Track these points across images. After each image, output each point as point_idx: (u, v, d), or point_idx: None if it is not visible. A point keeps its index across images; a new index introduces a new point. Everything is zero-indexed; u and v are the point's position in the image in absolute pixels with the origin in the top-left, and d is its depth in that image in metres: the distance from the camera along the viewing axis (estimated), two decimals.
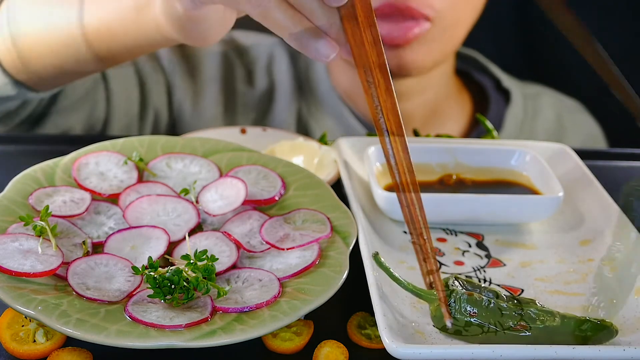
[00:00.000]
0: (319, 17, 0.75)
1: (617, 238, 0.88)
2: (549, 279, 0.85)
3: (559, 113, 1.47)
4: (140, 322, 0.72)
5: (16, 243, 0.78)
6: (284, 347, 0.75)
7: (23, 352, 0.73)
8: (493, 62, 1.49)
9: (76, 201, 0.85)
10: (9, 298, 0.72)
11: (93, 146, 0.91)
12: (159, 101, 1.33)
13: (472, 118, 1.42)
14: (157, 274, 0.74)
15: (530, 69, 1.71)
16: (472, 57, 1.48)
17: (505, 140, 1.05)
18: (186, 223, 0.84)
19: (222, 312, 0.73)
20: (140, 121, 1.31)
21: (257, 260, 0.81)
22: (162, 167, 0.91)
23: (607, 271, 0.85)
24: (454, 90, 1.42)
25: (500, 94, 1.44)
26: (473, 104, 1.44)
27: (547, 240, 0.91)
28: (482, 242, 0.91)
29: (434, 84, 1.35)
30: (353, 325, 0.78)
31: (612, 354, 0.71)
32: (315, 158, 1.00)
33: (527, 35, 1.73)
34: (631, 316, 0.79)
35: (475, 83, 1.45)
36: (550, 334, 0.74)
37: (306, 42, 0.76)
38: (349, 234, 0.83)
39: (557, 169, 1.00)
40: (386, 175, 0.96)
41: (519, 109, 1.41)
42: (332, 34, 0.76)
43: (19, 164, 0.92)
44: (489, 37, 1.70)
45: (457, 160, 0.99)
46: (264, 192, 0.88)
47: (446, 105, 1.40)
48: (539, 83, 1.55)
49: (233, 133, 1.06)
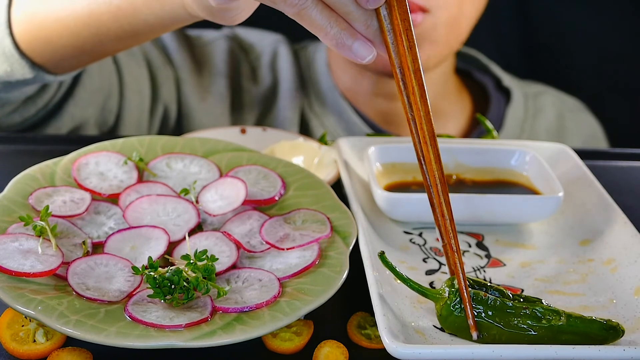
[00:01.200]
0: (355, 19, 0.75)
1: (617, 238, 0.88)
2: (549, 279, 0.85)
3: (560, 112, 1.47)
4: (140, 322, 0.72)
5: (16, 243, 0.78)
6: (284, 347, 0.75)
7: (23, 352, 0.73)
8: (494, 62, 1.49)
9: (76, 201, 0.85)
10: (9, 298, 0.72)
11: (93, 146, 0.91)
12: (168, 96, 1.33)
13: (472, 117, 1.42)
14: (157, 274, 0.74)
15: (532, 68, 1.71)
16: (473, 56, 1.48)
17: (505, 140, 1.05)
18: (186, 223, 0.84)
19: (222, 312, 0.73)
20: (150, 116, 1.31)
21: (257, 260, 0.81)
22: (162, 167, 0.91)
23: (607, 271, 0.85)
24: (454, 90, 1.42)
25: (501, 93, 1.44)
26: (473, 104, 1.44)
27: (547, 240, 0.91)
28: (482, 242, 0.91)
29: (432, 83, 1.35)
30: (353, 325, 0.78)
31: (612, 354, 0.71)
32: (315, 158, 1.00)
33: (529, 34, 1.73)
34: (631, 316, 0.79)
35: (475, 82, 1.45)
36: (556, 333, 0.74)
37: (342, 43, 0.75)
38: (349, 234, 0.83)
39: (557, 169, 1.00)
40: (386, 175, 0.97)
41: (520, 109, 1.41)
42: (369, 36, 0.76)
43: (19, 164, 0.92)
44: (490, 36, 1.70)
45: (457, 160, 0.99)
46: (264, 192, 0.88)
47: (445, 104, 1.39)
48: (541, 82, 1.55)
49: (233, 133, 1.06)
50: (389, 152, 0.98)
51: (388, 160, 0.98)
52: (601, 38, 1.70)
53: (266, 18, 1.16)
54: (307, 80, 1.38)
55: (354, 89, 1.37)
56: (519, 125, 1.40)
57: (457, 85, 1.43)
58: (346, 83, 1.37)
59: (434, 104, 1.37)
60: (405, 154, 0.98)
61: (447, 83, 1.39)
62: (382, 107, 1.36)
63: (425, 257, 0.87)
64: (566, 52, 1.72)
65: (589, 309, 0.81)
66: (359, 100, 1.37)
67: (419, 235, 0.91)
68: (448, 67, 1.37)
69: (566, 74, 1.71)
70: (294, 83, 1.37)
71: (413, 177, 0.97)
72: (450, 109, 1.40)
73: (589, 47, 1.71)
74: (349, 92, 1.37)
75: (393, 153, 0.98)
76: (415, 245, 0.89)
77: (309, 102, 1.37)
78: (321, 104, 1.36)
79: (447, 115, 1.40)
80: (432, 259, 0.87)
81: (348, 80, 1.36)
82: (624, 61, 1.72)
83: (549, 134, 1.43)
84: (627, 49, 1.71)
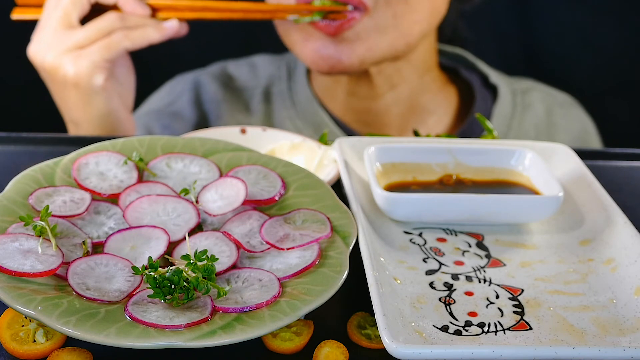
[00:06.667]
0: None
1: (617, 238, 0.88)
2: (549, 279, 0.85)
3: (550, 108, 1.46)
4: (140, 322, 0.72)
5: (16, 243, 0.78)
6: (284, 347, 0.75)
7: (23, 352, 0.73)
8: (491, 61, 1.49)
9: (76, 201, 0.85)
10: (9, 298, 0.72)
11: (93, 146, 0.91)
12: None
13: (459, 114, 1.42)
14: (157, 274, 0.74)
15: (532, 68, 1.71)
16: (459, 54, 1.47)
17: (505, 140, 1.05)
18: (186, 223, 0.84)
19: (222, 312, 0.73)
20: None
21: (257, 260, 0.81)
22: (162, 167, 0.91)
23: (607, 271, 0.85)
24: (435, 86, 1.40)
25: (488, 90, 1.43)
26: (459, 100, 1.43)
27: (547, 240, 0.91)
28: (482, 242, 0.91)
29: (405, 79, 1.34)
30: (353, 325, 0.78)
31: (612, 354, 0.71)
32: (315, 158, 1.00)
33: (529, 34, 1.73)
34: (631, 316, 0.79)
35: (462, 80, 1.45)
36: None
37: None
38: (349, 234, 0.83)
39: (557, 169, 1.00)
40: (386, 175, 0.97)
41: (507, 105, 1.40)
42: None
43: (19, 164, 0.92)
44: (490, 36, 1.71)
45: (456, 160, 0.99)
46: (264, 192, 0.88)
47: (426, 100, 1.39)
48: (531, 78, 1.55)
49: (233, 133, 1.06)
50: (389, 152, 0.98)
51: (388, 160, 0.98)
52: (601, 38, 1.70)
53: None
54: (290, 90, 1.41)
55: (331, 91, 1.38)
56: (506, 123, 1.39)
57: (440, 81, 1.42)
58: (323, 86, 1.38)
59: (412, 100, 1.37)
60: (405, 154, 0.98)
61: (424, 78, 1.37)
62: (358, 106, 1.37)
63: (425, 257, 0.87)
64: (566, 52, 1.72)
65: (589, 308, 0.81)
66: (337, 101, 1.38)
67: (419, 235, 0.91)
68: (420, 62, 1.35)
69: (566, 74, 1.71)
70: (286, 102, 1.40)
71: (413, 177, 0.97)
72: (431, 105, 1.40)
73: (589, 47, 1.71)
74: (327, 94, 1.38)
75: (393, 153, 0.98)
76: (415, 245, 0.89)
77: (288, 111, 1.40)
78: (297, 112, 1.39)
79: (427, 110, 1.39)
80: (432, 259, 0.87)
81: (325, 83, 1.38)
82: (624, 61, 1.72)
83: (537, 131, 1.42)
84: (627, 49, 1.71)
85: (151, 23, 1.16)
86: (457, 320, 0.78)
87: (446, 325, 0.77)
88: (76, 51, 1.13)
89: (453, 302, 0.81)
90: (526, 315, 0.79)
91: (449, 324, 0.78)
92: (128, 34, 1.14)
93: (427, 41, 1.33)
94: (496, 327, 0.77)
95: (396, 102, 1.36)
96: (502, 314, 0.79)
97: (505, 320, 0.78)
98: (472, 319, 0.78)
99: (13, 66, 1.62)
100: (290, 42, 1.26)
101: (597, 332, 0.77)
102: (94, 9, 1.17)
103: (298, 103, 1.39)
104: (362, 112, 1.38)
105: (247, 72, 1.45)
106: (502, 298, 0.81)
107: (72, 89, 1.14)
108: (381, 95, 1.35)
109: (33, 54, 1.16)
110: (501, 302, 0.81)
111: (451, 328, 0.77)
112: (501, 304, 0.81)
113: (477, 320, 0.78)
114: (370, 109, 1.37)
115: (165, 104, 1.43)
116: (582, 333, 0.77)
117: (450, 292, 0.82)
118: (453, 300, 0.81)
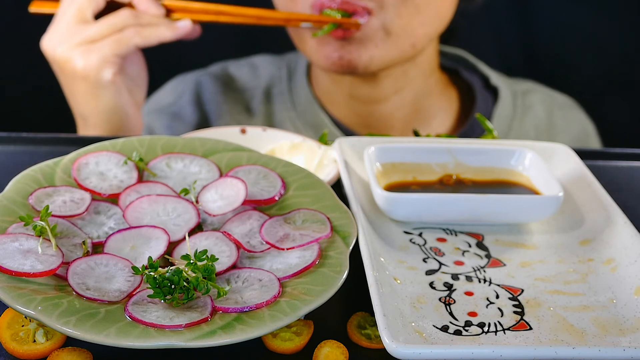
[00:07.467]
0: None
1: (617, 238, 0.88)
2: (549, 279, 0.85)
3: (550, 109, 1.46)
4: (140, 322, 0.72)
5: (16, 243, 0.78)
6: (284, 347, 0.75)
7: (23, 352, 0.73)
8: (491, 62, 1.49)
9: (76, 201, 0.85)
10: (9, 298, 0.72)
11: (93, 146, 0.91)
12: None
13: (460, 116, 1.42)
14: (157, 274, 0.74)
15: (532, 68, 1.71)
16: (460, 56, 1.48)
17: (505, 140, 1.05)
18: (186, 223, 0.84)
19: (222, 312, 0.73)
20: None
21: (257, 260, 0.81)
22: (162, 167, 0.91)
23: (607, 271, 0.85)
24: (438, 88, 1.41)
25: (488, 91, 1.43)
26: (460, 102, 1.43)
27: (547, 240, 0.91)
28: (482, 242, 0.91)
29: (411, 83, 1.35)
30: (353, 325, 0.78)
31: (612, 354, 0.71)
32: (315, 158, 1.00)
33: (529, 34, 1.73)
34: (631, 316, 0.79)
35: (463, 81, 1.45)
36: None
37: None
38: (349, 234, 0.83)
39: (557, 169, 1.00)
40: (386, 175, 0.97)
41: (508, 107, 1.41)
42: None
43: (19, 164, 0.92)
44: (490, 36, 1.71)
45: (456, 161, 0.99)
46: (264, 192, 0.88)
47: (429, 103, 1.39)
48: (531, 78, 1.55)
49: (233, 133, 1.06)
50: (389, 152, 0.98)
51: (388, 160, 0.98)
52: (601, 38, 1.71)
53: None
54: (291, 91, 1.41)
55: (332, 93, 1.38)
56: (507, 124, 1.40)
57: (442, 83, 1.42)
58: (324, 88, 1.38)
59: (417, 104, 1.37)
60: (405, 154, 0.98)
61: (428, 81, 1.38)
62: (360, 110, 1.37)
63: (425, 257, 0.87)
64: (566, 52, 1.72)
65: (589, 308, 0.81)
66: (338, 104, 1.38)
67: (419, 235, 0.91)
68: (426, 65, 1.36)
69: (566, 74, 1.71)
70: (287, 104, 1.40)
71: (413, 177, 0.97)
72: (434, 107, 1.40)
73: (589, 47, 1.71)
74: (328, 97, 1.38)
75: (393, 153, 0.98)
76: (415, 245, 0.89)
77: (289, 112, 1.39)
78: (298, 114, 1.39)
79: (430, 113, 1.39)
80: (432, 259, 0.87)
81: (326, 85, 1.38)
82: (624, 61, 1.73)
83: (538, 132, 1.42)
84: (627, 49, 1.72)
85: (164, 22, 1.16)
86: (457, 320, 0.78)
87: (446, 325, 0.77)
88: (87, 45, 1.14)
89: (453, 302, 0.81)
90: (526, 315, 0.79)
91: (449, 324, 0.78)
92: (140, 30, 1.14)
93: (432, 43, 1.34)
94: (496, 327, 0.77)
95: (400, 106, 1.36)
96: (502, 314, 0.79)
97: (505, 320, 0.78)
98: (472, 319, 0.78)
99: (13, 66, 1.63)
100: (304, 48, 1.27)
101: (597, 332, 0.77)
102: (109, 6, 1.18)
103: (298, 104, 1.39)
104: (365, 116, 1.37)
105: (247, 73, 1.46)
106: (502, 298, 0.81)
107: (81, 82, 1.15)
108: (385, 99, 1.35)
109: (45, 45, 1.17)
110: (501, 302, 0.81)
111: (451, 328, 0.77)
112: (501, 304, 0.81)
113: (477, 320, 0.78)
114: (373, 113, 1.37)
115: (166, 104, 1.43)
116: (582, 333, 0.77)
117: (450, 292, 0.82)
118: (453, 300, 0.81)
